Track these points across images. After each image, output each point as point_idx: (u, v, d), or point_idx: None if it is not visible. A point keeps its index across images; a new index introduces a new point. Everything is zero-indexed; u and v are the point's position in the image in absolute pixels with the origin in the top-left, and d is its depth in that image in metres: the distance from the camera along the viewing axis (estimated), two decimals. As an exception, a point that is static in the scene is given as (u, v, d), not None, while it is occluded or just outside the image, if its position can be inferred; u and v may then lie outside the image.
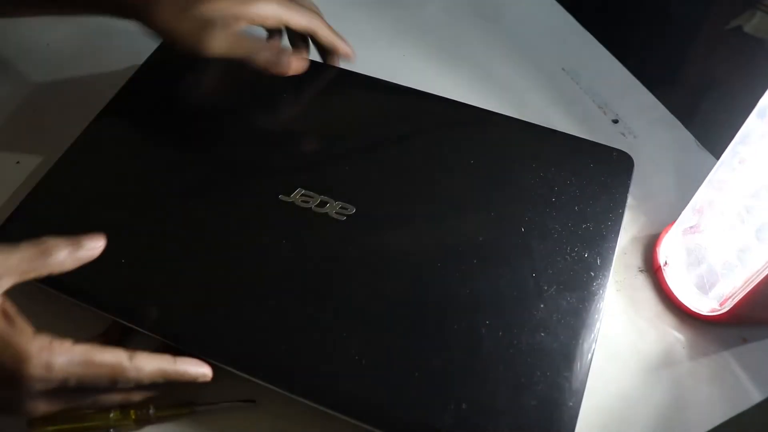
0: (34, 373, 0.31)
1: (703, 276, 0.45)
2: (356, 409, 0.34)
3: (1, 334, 0.31)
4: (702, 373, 0.43)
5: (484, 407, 0.34)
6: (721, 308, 0.43)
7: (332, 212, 0.40)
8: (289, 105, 0.48)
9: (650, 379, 0.43)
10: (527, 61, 0.53)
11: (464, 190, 0.43)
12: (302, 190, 0.41)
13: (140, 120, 0.47)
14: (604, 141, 0.55)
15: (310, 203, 0.40)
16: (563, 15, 0.68)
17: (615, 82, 0.61)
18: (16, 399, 0.32)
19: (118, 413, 0.37)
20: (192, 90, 0.49)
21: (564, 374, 0.35)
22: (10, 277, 0.33)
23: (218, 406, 0.39)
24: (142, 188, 0.44)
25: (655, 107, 0.60)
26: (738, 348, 0.45)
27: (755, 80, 0.41)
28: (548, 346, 0.36)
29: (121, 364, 0.34)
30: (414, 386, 0.34)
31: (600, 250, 0.39)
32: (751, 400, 0.42)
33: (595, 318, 0.37)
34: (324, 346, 0.36)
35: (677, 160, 0.55)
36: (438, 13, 0.64)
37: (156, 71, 0.49)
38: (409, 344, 0.36)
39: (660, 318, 0.46)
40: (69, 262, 0.35)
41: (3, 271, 0.32)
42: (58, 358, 0.32)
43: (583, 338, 0.36)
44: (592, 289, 0.37)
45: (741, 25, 0.67)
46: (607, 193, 0.43)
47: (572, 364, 0.35)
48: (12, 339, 0.31)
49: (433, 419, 0.33)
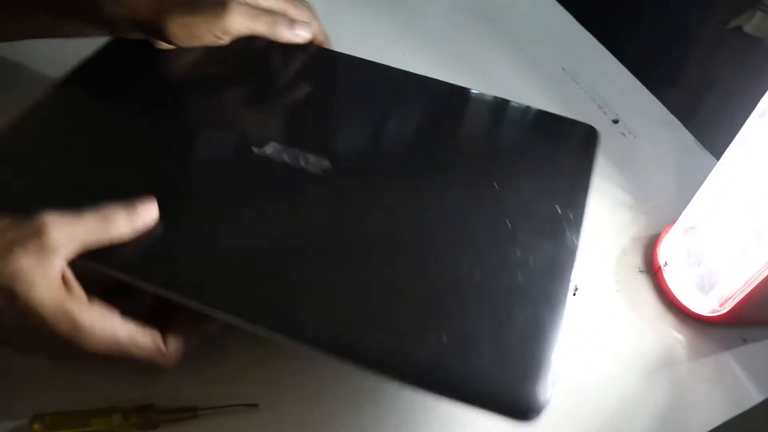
0: (84, 343, 0.32)
1: (703, 276, 0.45)
2: (336, 343, 0.34)
3: (61, 302, 0.32)
4: (702, 373, 0.43)
5: (463, 340, 0.34)
6: (721, 309, 0.43)
7: (307, 166, 0.41)
8: (268, 77, 0.48)
9: (650, 380, 0.43)
10: (527, 61, 0.53)
11: (441, 148, 0.44)
12: (276, 143, 0.42)
13: (105, 89, 0.45)
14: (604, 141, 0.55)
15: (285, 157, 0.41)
16: (563, 15, 0.68)
17: (615, 82, 0.61)
18: (74, 360, 0.35)
19: (120, 417, 0.37)
20: (159, 57, 0.48)
21: (541, 311, 0.36)
22: (75, 246, 0.33)
23: (221, 411, 0.39)
24: (111, 148, 0.42)
25: (655, 107, 0.60)
26: (738, 348, 0.45)
27: (755, 80, 0.41)
28: (525, 284, 0.37)
29: (156, 353, 0.35)
30: (394, 318, 0.35)
31: (570, 204, 0.41)
32: (751, 401, 0.42)
33: (568, 264, 0.38)
34: (303, 283, 0.36)
35: (677, 160, 0.55)
36: (438, 14, 0.64)
37: (120, 47, 0.48)
38: (389, 278, 0.36)
39: (660, 318, 0.46)
40: (127, 231, 0.34)
41: (68, 239, 0.32)
42: (105, 332, 0.33)
43: (558, 281, 0.37)
44: (566, 238, 0.39)
45: (741, 25, 0.67)
46: (576, 157, 0.44)
47: (549, 302, 0.36)
48: (69, 307, 0.32)
49: (413, 349, 0.34)
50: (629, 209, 0.52)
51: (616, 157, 0.55)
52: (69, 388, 0.38)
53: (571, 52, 0.63)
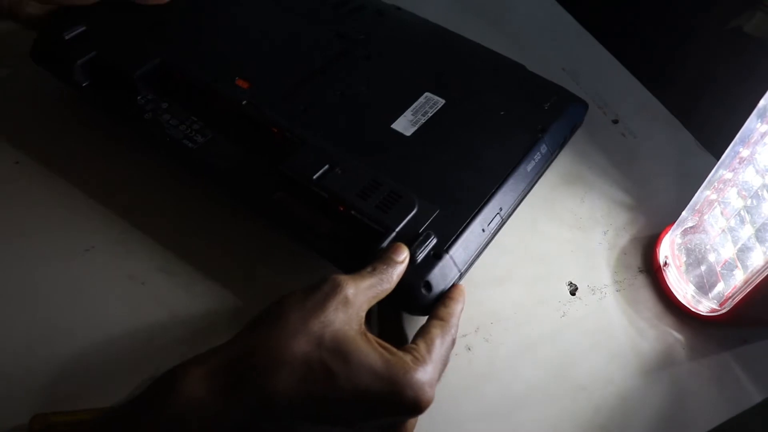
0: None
1: (703, 276, 0.45)
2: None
3: (383, 363, 0.32)
4: (702, 373, 0.43)
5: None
6: (721, 309, 0.43)
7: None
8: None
9: (650, 380, 0.43)
10: (527, 61, 0.54)
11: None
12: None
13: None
14: (604, 141, 0.55)
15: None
16: (563, 15, 0.68)
17: (615, 82, 0.61)
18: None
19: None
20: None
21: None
22: (366, 304, 0.35)
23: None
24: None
25: (655, 107, 0.60)
26: (738, 348, 0.45)
27: (755, 80, 0.41)
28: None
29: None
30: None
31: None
32: (751, 401, 0.42)
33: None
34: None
35: (677, 160, 0.55)
36: (438, 14, 0.64)
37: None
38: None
39: (660, 318, 0.46)
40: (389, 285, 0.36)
41: (361, 298, 0.34)
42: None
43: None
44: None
45: (741, 25, 0.67)
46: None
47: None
48: (390, 370, 0.32)
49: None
50: (629, 209, 0.52)
51: (616, 157, 0.55)
52: (69, 388, 0.38)
53: (571, 52, 0.63)
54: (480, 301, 0.45)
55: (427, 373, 0.33)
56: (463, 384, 0.41)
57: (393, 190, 0.42)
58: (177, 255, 0.45)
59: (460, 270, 0.40)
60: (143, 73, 0.48)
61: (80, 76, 0.49)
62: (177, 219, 0.47)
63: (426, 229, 0.40)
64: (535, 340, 0.44)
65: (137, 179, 0.49)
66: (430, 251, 0.40)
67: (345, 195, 0.41)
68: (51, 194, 0.48)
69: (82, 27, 0.51)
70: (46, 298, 0.43)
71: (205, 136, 0.46)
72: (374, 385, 0.31)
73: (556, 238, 0.49)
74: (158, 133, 0.46)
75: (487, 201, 0.43)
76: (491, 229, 0.43)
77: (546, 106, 0.50)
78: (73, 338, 0.41)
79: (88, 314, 0.42)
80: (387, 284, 0.36)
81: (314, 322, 0.32)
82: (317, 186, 0.41)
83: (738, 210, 0.43)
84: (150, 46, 0.50)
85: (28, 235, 0.46)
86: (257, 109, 0.46)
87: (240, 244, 0.46)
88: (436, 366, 0.34)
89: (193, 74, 0.48)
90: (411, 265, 0.38)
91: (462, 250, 0.41)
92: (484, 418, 0.40)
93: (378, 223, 0.40)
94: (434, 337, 0.35)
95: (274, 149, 0.45)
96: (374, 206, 0.41)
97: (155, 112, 0.47)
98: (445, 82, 0.51)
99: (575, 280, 0.47)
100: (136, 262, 0.45)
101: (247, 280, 0.45)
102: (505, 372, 0.42)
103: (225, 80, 0.48)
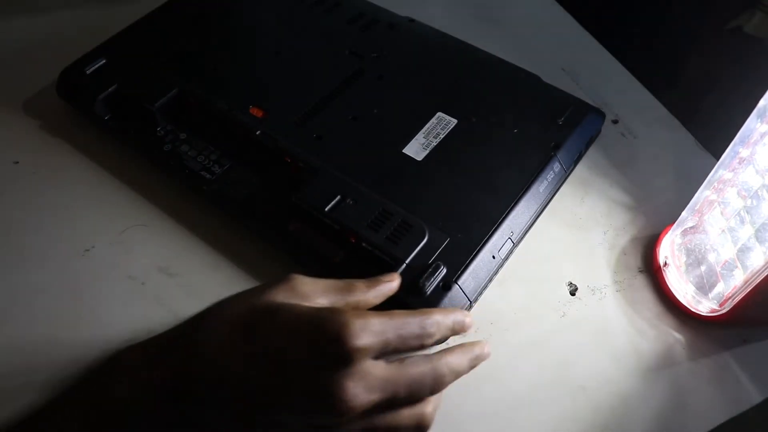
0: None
1: (703, 276, 0.45)
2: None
3: (315, 310, 0.31)
4: (702, 373, 0.43)
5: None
6: (721, 309, 0.43)
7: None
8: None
9: (650, 380, 0.43)
10: (527, 61, 0.54)
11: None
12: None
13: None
14: (604, 141, 0.55)
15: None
16: (563, 15, 0.68)
17: (615, 82, 0.61)
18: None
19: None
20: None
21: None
22: (324, 300, 0.33)
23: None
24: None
25: (655, 107, 0.60)
26: (738, 349, 0.45)
27: (755, 80, 0.41)
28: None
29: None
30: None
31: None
32: (751, 401, 0.42)
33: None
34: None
35: (677, 160, 0.55)
36: (438, 14, 0.64)
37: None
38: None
39: (660, 318, 0.46)
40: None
41: (313, 294, 0.33)
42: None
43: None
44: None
45: (741, 25, 0.67)
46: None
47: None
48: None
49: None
50: (629, 209, 0.52)
51: (616, 158, 0.55)
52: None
53: (571, 52, 0.63)
54: (480, 301, 0.45)
55: (366, 320, 0.30)
56: (463, 384, 0.41)
57: (404, 219, 0.41)
58: (177, 255, 0.46)
59: (470, 300, 0.40)
60: (162, 105, 0.48)
61: (102, 110, 0.49)
62: (177, 219, 0.47)
63: (436, 259, 0.40)
64: (535, 340, 0.44)
65: (137, 179, 0.49)
66: (439, 282, 0.39)
67: (356, 227, 0.41)
68: (51, 194, 0.48)
69: (103, 60, 0.51)
70: (47, 298, 0.43)
71: (222, 166, 0.47)
72: (302, 327, 0.30)
73: (556, 238, 0.49)
74: (177, 164, 0.47)
75: (497, 227, 0.43)
76: (502, 255, 0.43)
77: (560, 120, 0.49)
78: (73, 338, 0.41)
79: (88, 314, 0.42)
80: (360, 293, 0.34)
81: (251, 295, 0.32)
82: (329, 218, 0.42)
83: (738, 210, 0.43)
84: (167, 77, 0.50)
85: (28, 235, 0.46)
86: (270, 139, 0.46)
87: (241, 245, 0.46)
88: (383, 324, 0.30)
89: (209, 103, 0.48)
90: (420, 298, 0.38)
91: (472, 279, 0.40)
92: (484, 418, 0.40)
93: (388, 255, 0.40)
94: (397, 312, 0.32)
95: (288, 177, 0.45)
96: (385, 238, 0.41)
97: (174, 143, 0.48)
98: (457, 100, 0.50)
99: (575, 281, 0.47)
100: (136, 262, 0.45)
101: (248, 281, 0.45)
102: (505, 372, 0.42)
103: (239, 108, 0.48)
